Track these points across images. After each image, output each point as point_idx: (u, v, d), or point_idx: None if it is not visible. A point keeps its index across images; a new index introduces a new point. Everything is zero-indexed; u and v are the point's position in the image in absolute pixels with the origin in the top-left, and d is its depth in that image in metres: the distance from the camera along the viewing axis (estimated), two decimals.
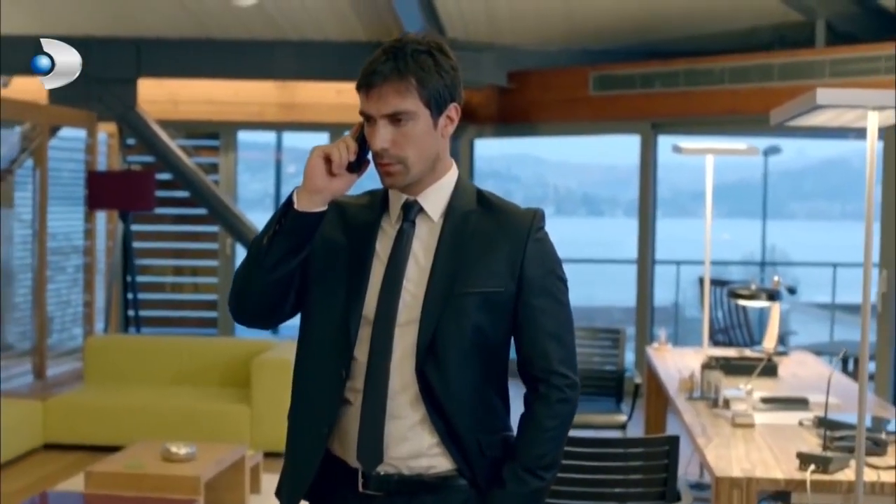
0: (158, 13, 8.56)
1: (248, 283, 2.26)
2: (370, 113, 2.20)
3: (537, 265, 2.25)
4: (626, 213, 30.03)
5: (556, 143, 27.43)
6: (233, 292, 2.30)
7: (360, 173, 2.25)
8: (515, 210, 2.31)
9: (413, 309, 2.22)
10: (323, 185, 2.20)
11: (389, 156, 2.19)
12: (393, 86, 2.17)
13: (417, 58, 2.18)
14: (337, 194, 2.23)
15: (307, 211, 2.19)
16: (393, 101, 2.17)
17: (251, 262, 2.25)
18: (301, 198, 2.20)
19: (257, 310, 2.30)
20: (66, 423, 6.72)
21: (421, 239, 2.27)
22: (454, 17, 8.55)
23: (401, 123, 2.18)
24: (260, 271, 2.22)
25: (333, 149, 2.20)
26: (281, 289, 2.25)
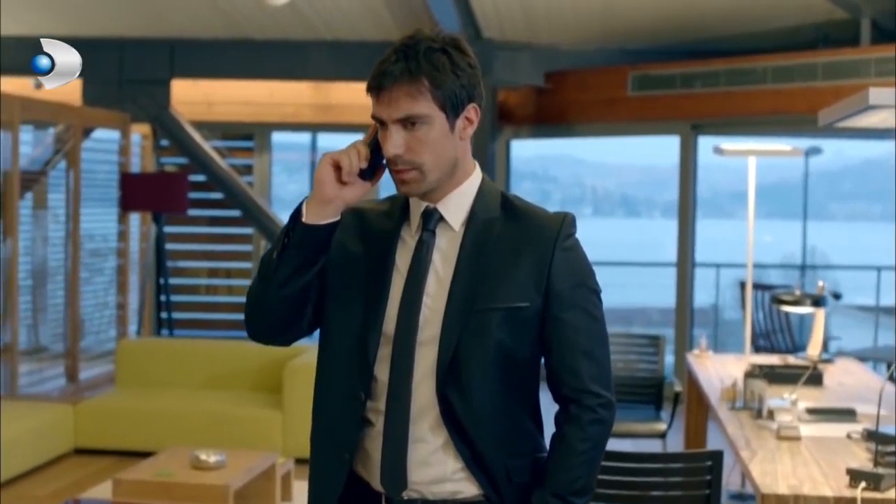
0: (192, 14, 8.49)
1: (259, 300, 2.14)
2: (381, 117, 2.07)
3: (566, 276, 2.10)
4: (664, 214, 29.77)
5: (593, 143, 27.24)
6: (246, 308, 2.19)
7: (373, 181, 2.12)
8: (542, 215, 2.15)
9: (433, 326, 2.08)
10: (333, 195, 2.07)
11: (404, 162, 2.06)
12: (404, 88, 2.03)
13: (431, 56, 2.04)
14: (349, 203, 2.10)
15: (316, 223, 2.06)
16: (404, 104, 2.03)
17: (262, 277, 2.12)
18: (310, 208, 2.07)
19: (271, 327, 2.18)
20: (96, 428, 6.65)
21: (441, 250, 2.13)
22: (490, 17, 8.43)
23: (414, 128, 2.04)
24: (271, 288, 2.10)
25: (343, 155, 2.07)
26: (295, 304, 2.13)
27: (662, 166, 26.03)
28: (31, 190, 8.44)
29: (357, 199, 2.11)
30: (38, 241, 8.41)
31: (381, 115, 2.06)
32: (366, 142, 2.11)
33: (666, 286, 9.36)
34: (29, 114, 7.66)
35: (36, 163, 8.49)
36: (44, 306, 8.48)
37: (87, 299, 8.75)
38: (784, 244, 17.29)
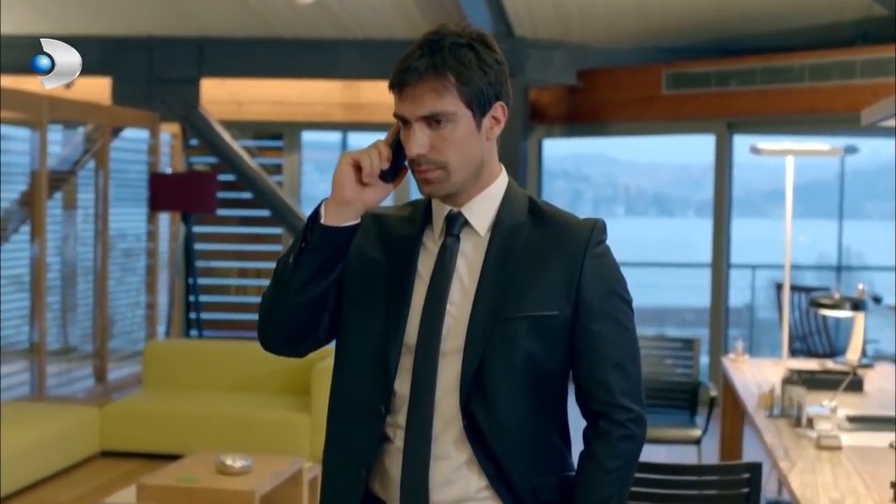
0: (221, 12, 8.43)
1: (274, 307, 2.03)
2: (405, 115, 1.96)
3: (597, 285, 2.00)
4: (698, 213, 29.53)
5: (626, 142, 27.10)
6: (260, 317, 2.08)
7: (395, 183, 2.02)
8: (571, 221, 2.05)
9: (457, 336, 1.98)
10: (353, 196, 1.97)
11: (428, 162, 1.96)
12: (429, 84, 1.93)
13: (456, 52, 1.94)
14: (370, 206, 2.00)
15: (335, 225, 1.96)
16: (429, 101, 1.93)
17: (277, 283, 2.02)
18: (329, 210, 1.97)
19: (286, 336, 2.07)
20: (123, 431, 6.59)
21: (466, 256, 2.03)
22: (522, 15, 8.32)
23: (439, 126, 1.95)
24: (287, 294, 1.99)
25: (364, 155, 1.97)
26: (312, 312, 2.03)
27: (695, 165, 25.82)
28: (60, 190, 8.42)
29: (378, 202, 2.02)
30: (68, 240, 8.39)
31: (405, 113, 1.96)
32: (387, 142, 2.01)
33: (699, 286, 9.22)
34: (57, 113, 7.62)
35: (65, 162, 8.46)
36: (73, 306, 8.46)
37: (116, 299, 8.72)
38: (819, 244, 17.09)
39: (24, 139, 7.54)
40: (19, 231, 7.99)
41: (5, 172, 8.13)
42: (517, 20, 8.41)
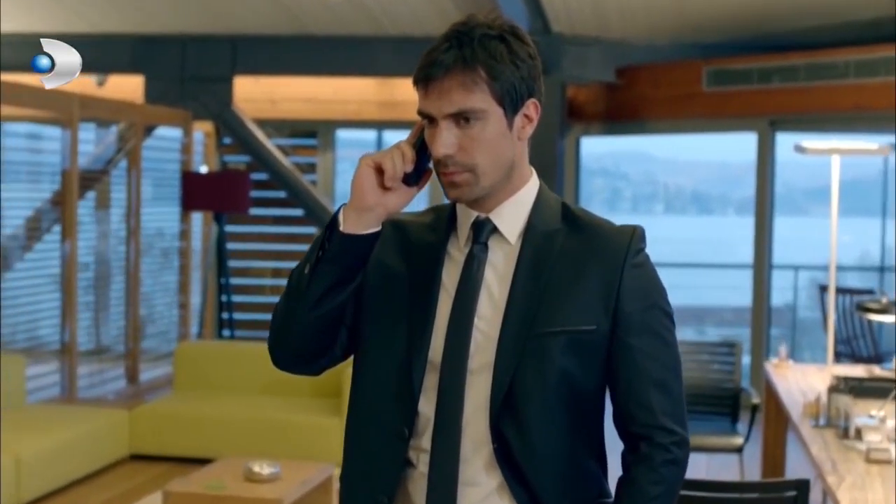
0: (254, 9, 8.33)
1: (288, 322, 1.89)
2: (430, 112, 1.82)
3: (637, 297, 1.86)
4: (738, 212, 29.28)
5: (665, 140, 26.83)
6: (271, 332, 1.94)
7: (419, 186, 1.88)
8: (608, 228, 1.90)
9: (486, 352, 1.83)
10: (374, 202, 1.83)
11: (454, 163, 1.81)
12: (457, 79, 1.79)
13: (487, 44, 1.79)
14: (392, 212, 1.86)
15: (355, 233, 1.82)
16: (457, 97, 1.79)
17: (291, 295, 1.88)
18: (348, 217, 1.83)
19: (300, 353, 1.93)
20: (152, 434, 6.50)
21: (495, 265, 1.88)
22: (559, 10, 8.17)
23: (468, 124, 1.80)
24: (301, 307, 1.85)
25: (386, 157, 1.83)
26: (328, 327, 1.89)
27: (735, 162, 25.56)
28: (94, 189, 8.38)
29: (401, 207, 1.88)
30: (101, 240, 8.34)
31: (430, 111, 1.82)
32: (410, 142, 1.87)
33: (739, 285, 9.05)
34: (88, 112, 7.55)
35: (98, 161, 8.40)
36: (106, 306, 8.40)
37: (149, 299, 8.66)
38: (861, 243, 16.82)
39: (57, 138, 7.48)
40: (51, 231, 7.94)
41: (37, 172, 8.10)
42: (554, 16, 8.26)
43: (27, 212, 8.05)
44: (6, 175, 8.12)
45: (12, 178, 8.29)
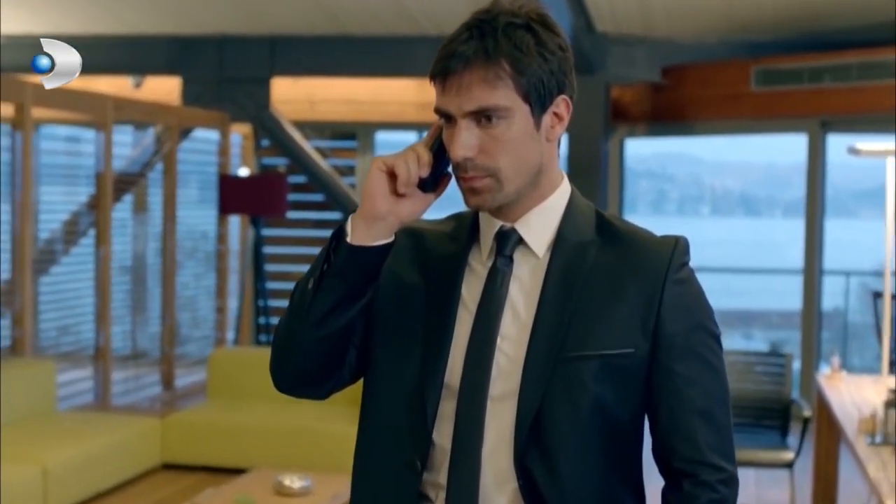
0: (293, 9, 8.19)
1: (290, 342, 1.71)
2: (448, 110, 1.64)
3: (680, 316, 1.66)
4: (785, 214, 28.88)
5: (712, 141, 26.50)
6: (272, 352, 1.77)
7: (437, 192, 1.70)
8: (648, 239, 1.71)
9: (510, 377, 1.65)
10: (386, 210, 1.65)
11: (475, 167, 1.63)
12: (478, 72, 1.60)
13: (512, 34, 1.61)
14: (406, 221, 1.68)
15: (364, 244, 1.64)
16: (478, 92, 1.60)
17: (293, 313, 1.70)
18: (357, 226, 1.65)
19: (304, 376, 1.75)
20: (184, 443, 6.36)
21: (521, 281, 1.69)
22: (603, 9, 7.97)
23: (490, 124, 1.62)
24: (304, 326, 1.67)
25: (399, 160, 1.65)
26: (334, 348, 1.71)
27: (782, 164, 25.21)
28: (131, 192, 8.30)
29: (416, 216, 1.69)
30: (139, 243, 8.26)
31: (448, 108, 1.64)
32: (427, 144, 1.69)
33: (787, 289, 8.83)
34: (123, 114, 7.44)
35: (135, 164, 8.32)
36: (144, 311, 8.31)
37: (185, 304, 8.55)
38: None
39: (94, 141, 7.39)
40: (88, 234, 7.86)
41: (75, 175, 8.02)
42: (598, 15, 8.07)
43: (64, 215, 7.99)
44: (44, 178, 8.09)
45: (50, 180, 8.25)
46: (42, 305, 7.72)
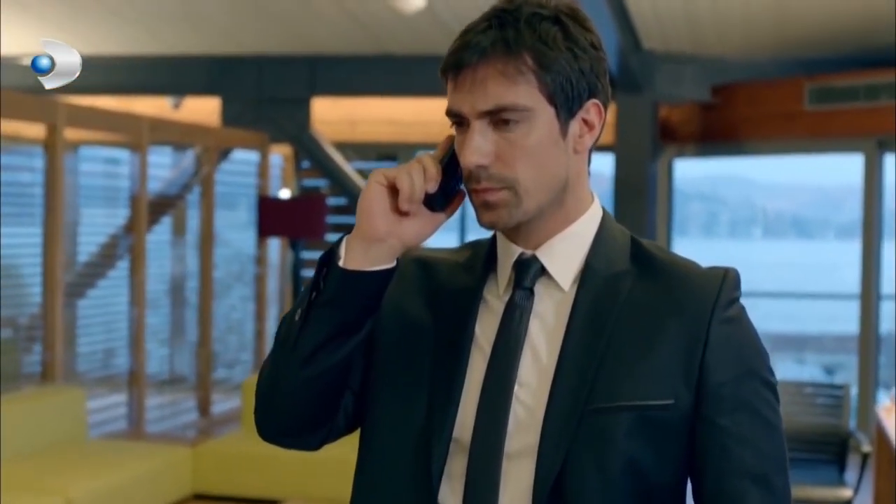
0: (332, 29, 8.04)
1: (275, 383, 1.49)
2: (461, 111, 1.42)
3: (729, 362, 1.42)
4: (838, 236, 28.45)
5: (763, 162, 26.20)
6: (256, 396, 1.54)
7: (448, 212, 1.48)
8: (691, 271, 1.47)
9: (529, 431, 1.41)
10: (386, 230, 1.43)
11: (490, 177, 1.41)
12: (496, 66, 1.39)
13: (537, 26, 1.39)
14: (409, 244, 1.45)
15: (360, 269, 1.42)
16: (496, 89, 1.39)
17: (279, 349, 1.48)
18: (353, 249, 1.43)
19: (290, 423, 1.52)
20: (216, 473, 6.17)
21: (542, 318, 1.46)
22: (651, 27, 7.76)
23: (507, 127, 1.40)
24: (290, 364, 1.45)
25: (402, 173, 1.42)
26: (326, 392, 1.48)
27: (834, 185, 24.84)
28: (170, 214, 8.20)
29: (422, 239, 1.47)
30: (178, 266, 8.14)
31: (461, 108, 1.42)
32: (437, 156, 1.47)
33: (840, 312, 8.57)
34: (159, 135, 7.31)
35: (174, 185, 8.22)
36: (181, 335, 8.19)
37: (224, 328, 8.40)
38: None
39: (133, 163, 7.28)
40: (125, 257, 7.75)
41: (113, 197, 7.91)
42: (646, 32, 7.86)
43: (103, 238, 7.90)
44: (84, 199, 8.00)
45: (90, 202, 8.17)
46: (79, 329, 7.63)
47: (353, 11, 7.46)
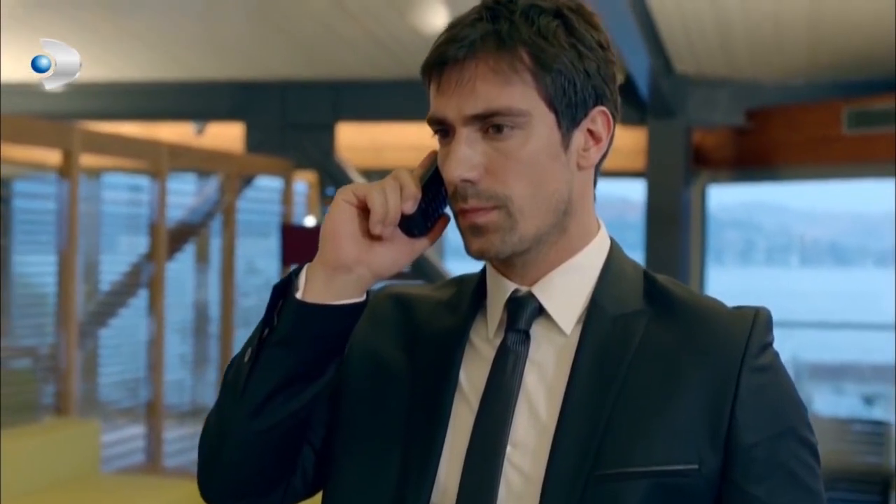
0: (357, 54, 7.90)
1: (222, 436, 1.28)
2: (444, 116, 1.23)
3: (762, 419, 1.20)
4: (877, 264, 28.10)
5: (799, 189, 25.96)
6: (199, 450, 1.33)
7: (430, 238, 1.27)
8: (717, 312, 1.26)
9: (524, 501, 1.19)
10: (354, 257, 1.23)
11: (478, 194, 1.21)
12: (487, 62, 1.20)
13: (536, 18, 1.20)
14: (383, 274, 1.25)
15: (321, 303, 1.21)
16: (486, 88, 1.19)
17: (225, 396, 1.27)
18: (314, 278, 1.23)
19: (239, 484, 1.29)
20: None
21: (540, 366, 1.24)
22: (682, 49, 7.59)
23: (500, 134, 1.20)
24: (238, 414, 1.24)
25: (374, 190, 1.22)
26: (281, 448, 1.27)
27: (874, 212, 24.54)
28: (193, 242, 8.10)
29: (398, 268, 1.26)
30: (201, 294, 8.03)
31: (444, 113, 1.24)
32: (417, 173, 1.27)
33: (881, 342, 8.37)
34: (179, 162, 7.17)
35: (197, 213, 8.12)
36: (204, 365, 8.07)
37: None
38: None
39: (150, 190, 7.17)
40: (146, 286, 7.64)
41: (135, 224, 7.80)
42: (677, 54, 7.68)
43: (125, 266, 7.80)
44: (107, 227, 7.93)
45: (113, 230, 8.09)
46: (101, 359, 7.54)
47: (377, 35, 7.32)
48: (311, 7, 6.55)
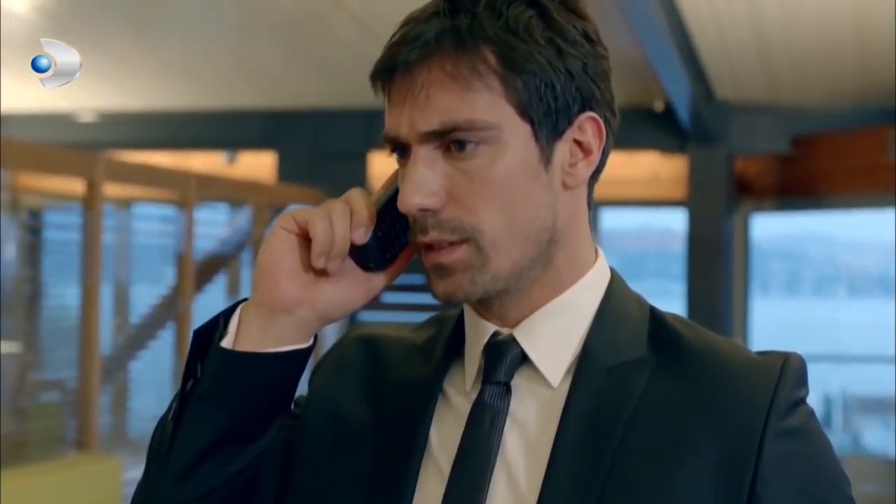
0: None
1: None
2: (397, 134, 1.03)
3: (791, 494, 0.98)
4: None
5: (846, 217, 25.63)
6: None
7: (389, 271, 1.07)
8: (736, 359, 1.04)
9: None
10: (295, 295, 1.03)
11: (439, 224, 1.01)
12: (444, 66, 0.99)
13: (503, 9, 0.99)
14: (329, 316, 1.05)
15: (255, 351, 1.02)
16: (442, 99, 0.99)
17: (149, 461, 1.08)
18: (248, 321, 1.03)
19: None
20: None
21: (522, 426, 1.04)
22: (724, 75, 7.41)
23: (463, 152, 1.00)
24: (164, 481, 1.04)
25: (318, 215, 1.03)
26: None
27: None
28: (224, 273, 8.00)
29: (347, 309, 1.07)
30: None
31: (397, 130, 1.04)
32: (377, 195, 1.07)
33: None
34: (208, 192, 7.04)
35: (229, 244, 8.02)
36: None
37: None
38: None
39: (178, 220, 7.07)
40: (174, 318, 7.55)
41: (165, 255, 7.71)
42: (719, 81, 7.51)
43: (155, 298, 7.71)
44: (136, 258, 7.85)
45: (143, 261, 8.00)
46: (130, 393, 7.45)
47: None
48: (342, 35, 6.44)
